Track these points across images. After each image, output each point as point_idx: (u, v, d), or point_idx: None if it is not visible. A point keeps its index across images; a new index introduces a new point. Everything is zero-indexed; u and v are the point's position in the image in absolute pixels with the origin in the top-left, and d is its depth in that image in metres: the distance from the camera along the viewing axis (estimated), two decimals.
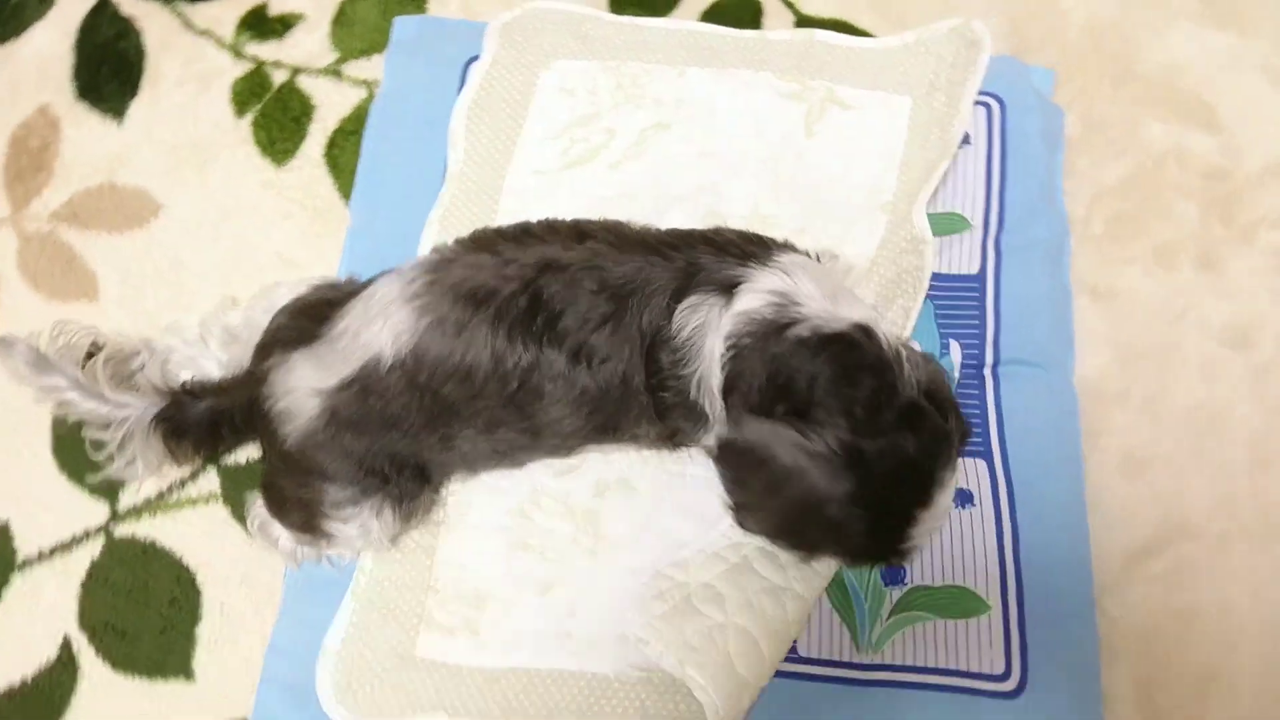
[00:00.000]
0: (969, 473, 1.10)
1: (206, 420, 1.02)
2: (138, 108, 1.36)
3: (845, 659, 1.02)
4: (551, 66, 1.30)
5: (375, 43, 1.37)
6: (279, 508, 1.05)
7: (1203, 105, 1.30)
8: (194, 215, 1.30)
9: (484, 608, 1.07)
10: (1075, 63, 1.34)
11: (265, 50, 1.38)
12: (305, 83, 1.36)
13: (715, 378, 0.94)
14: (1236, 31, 1.34)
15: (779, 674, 1.02)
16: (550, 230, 1.00)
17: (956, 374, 1.14)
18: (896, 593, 1.05)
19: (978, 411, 1.12)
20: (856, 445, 0.87)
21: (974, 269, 1.18)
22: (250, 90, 1.36)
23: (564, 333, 0.94)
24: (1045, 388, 1.13)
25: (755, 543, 1.06)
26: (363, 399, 0.96)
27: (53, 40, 1.42)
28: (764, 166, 1.23)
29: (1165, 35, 1.35)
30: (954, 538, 1.08)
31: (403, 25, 1.36)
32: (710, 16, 1.37)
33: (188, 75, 1.38)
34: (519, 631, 1.06)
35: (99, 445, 1.02)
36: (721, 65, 1.29)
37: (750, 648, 1.00)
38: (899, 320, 1.13)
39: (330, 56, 1.38)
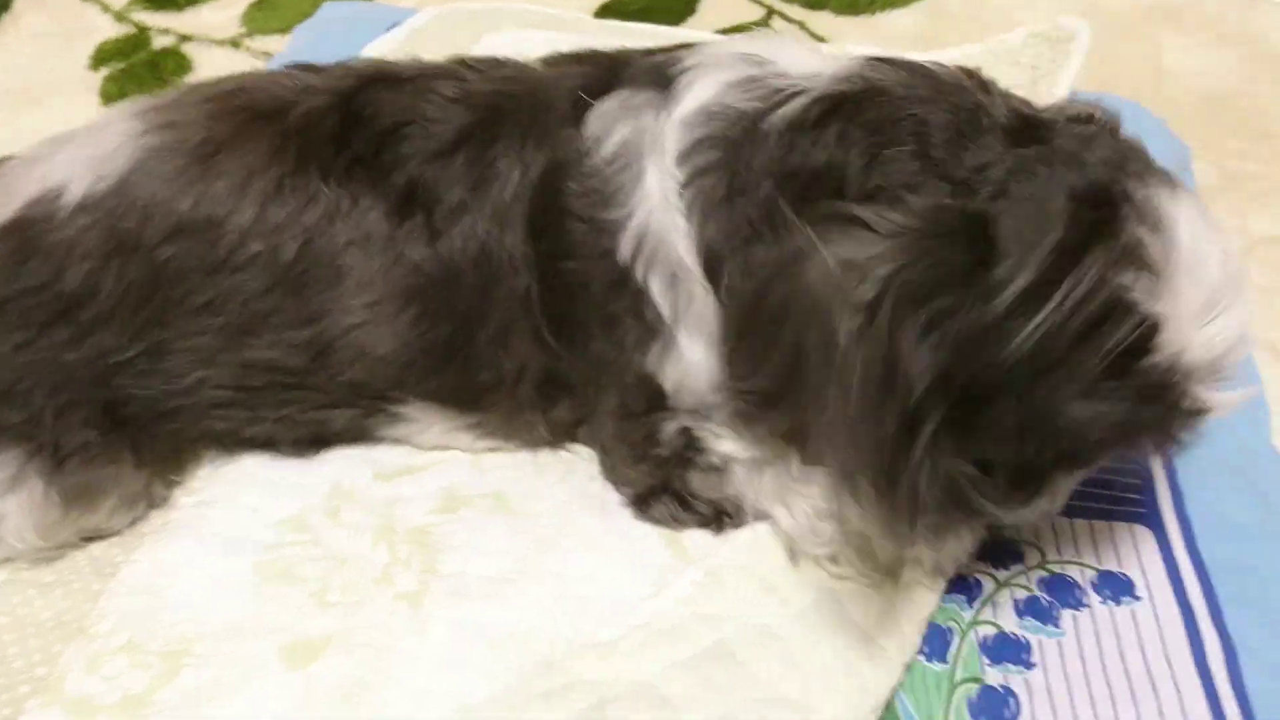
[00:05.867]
0: (1123, 547, 0.61)
1: None
2: None
3: None
4: (485, 39, 1.00)
5: (294, 24, 1.09)
6: None
7: None
8: None
9: (176, 671, 0.53)
10: (1189, 122, 1.03)
11: (157, 20, 1.11)
12: (193, 49, 1.08)
13: (679, 236, 0.53)
14: None
15: None
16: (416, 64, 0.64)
17: None
18: None
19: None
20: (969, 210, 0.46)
21: None
22: (119, 50, 1.08)
23: (391, 162, 0.56)
24: (1231, 435, 0.67)
25: (748, 615, 0.54)
26: (19, 262, 0.56)
27: None
28: None
29: None
30: (1107, 649, 0.56)
31: (331, 9, 1.10)
32: None
33: (52, 30, 1.10)
34: None
35: None
36: None
37: None
38: None
39: (235, 30, 1.10)
